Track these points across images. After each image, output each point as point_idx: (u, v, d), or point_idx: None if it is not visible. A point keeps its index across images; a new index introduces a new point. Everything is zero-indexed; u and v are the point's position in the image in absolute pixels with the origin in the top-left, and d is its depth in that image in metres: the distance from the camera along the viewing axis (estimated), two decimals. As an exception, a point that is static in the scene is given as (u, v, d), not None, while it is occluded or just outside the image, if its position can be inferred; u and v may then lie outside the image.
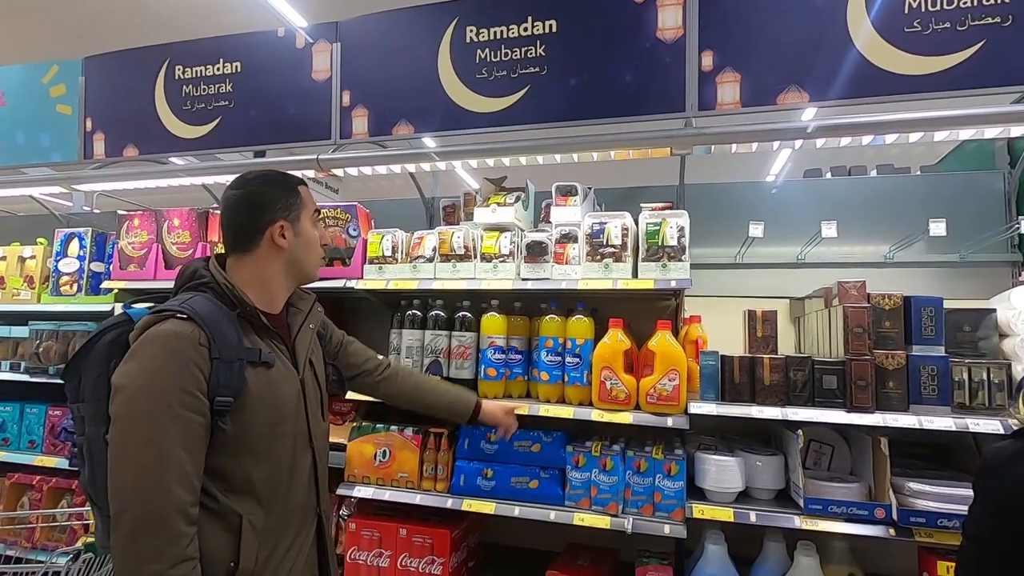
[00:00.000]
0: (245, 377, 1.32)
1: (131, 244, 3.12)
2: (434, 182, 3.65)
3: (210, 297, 1.35)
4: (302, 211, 1.49)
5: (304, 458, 1.47)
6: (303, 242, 1.48)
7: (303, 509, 1.48)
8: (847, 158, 3.68)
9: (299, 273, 1.51)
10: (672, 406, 2.21)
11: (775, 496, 2.25)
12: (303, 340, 1.53)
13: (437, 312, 2.58)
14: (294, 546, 1.43)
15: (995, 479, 1.21)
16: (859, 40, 1.96)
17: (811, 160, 4.18)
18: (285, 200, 1.46)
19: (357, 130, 2.48)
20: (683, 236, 2.31)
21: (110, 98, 2.90)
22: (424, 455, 2.51)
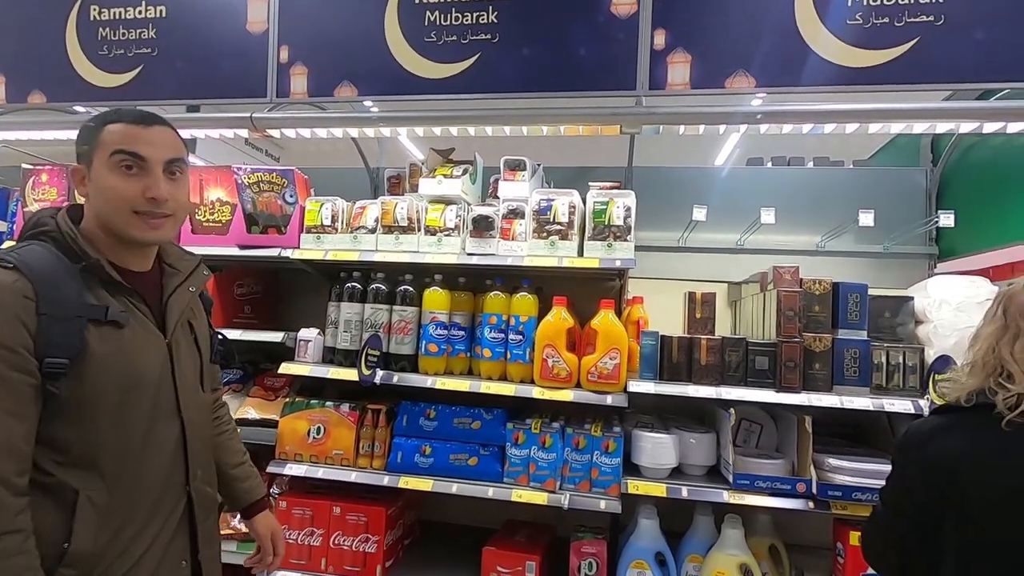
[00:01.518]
0: (85, 337, 1.17)
1: (38, 202, 2.84)
2: (379, 151, 3.52)
3: (50, 247, 1.21)
4: (95, 154, 1.23)
5: (168, 430, 1.32)
6: (96, 191, 1.24)
7: (164, 487, 1.32)
8: (788, 149, 3.80)
9: (112, 231, 1.25)
10: (612, 384, 2.23)
11: (706, 472, 2.33)
12: (178, 302, 1.36)
13: (378, 285, 2.49)
14: (149, 527, 1.28)
15: (915, 452, 1.28)
16: (804, 29, 1.99)
17: (754, 149, 4.31)
18: (85, 141, 1.25)
19: (295, 89, 2.33)
20: (629, 216, 2.31)
21: (14, 36, 2.60)
22: (361, 432, 2.44)
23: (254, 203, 2.60)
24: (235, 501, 1.67)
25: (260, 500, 1.69)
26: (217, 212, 2.69)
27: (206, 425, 1.47)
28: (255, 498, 1.68)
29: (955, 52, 1.90)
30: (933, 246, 2.83)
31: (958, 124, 1.93)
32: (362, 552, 2.36)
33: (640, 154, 3.03)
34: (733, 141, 5.61)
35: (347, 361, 2.48)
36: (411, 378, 2.39)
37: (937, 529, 1.23)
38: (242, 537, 2.45)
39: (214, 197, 2.71)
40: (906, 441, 1.33)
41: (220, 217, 2.69)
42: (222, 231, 2.67)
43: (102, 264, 1.23)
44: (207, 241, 2.67)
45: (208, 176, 2.70)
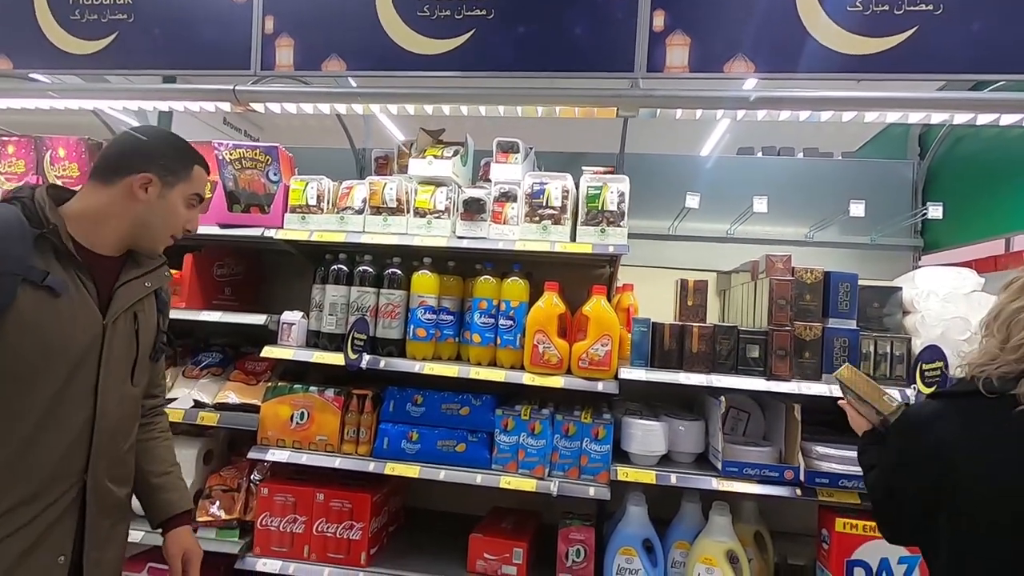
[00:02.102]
0: (16, 293, 1.19)
1: (3, 175, 2.70)
2: (366, 132, 3.43)
3: (16, 210, 1.25)
4: (181, 183, 1.42)
5: (76, 412, 1.29)
6: (163, 208, 1.40)
7: (54, 471, 1.26)
8: (778, 139, 3.82)
9: (141, 236, 1.40)
10: (603, 371, 2.21)
11: (695, 459, 2.33)
12: (130, 290, 1.39)
13: (365, 268, 2.43)
14: (22, 510, 1.22)
15: (914, 436, 1.27)
16: (805, 15, 1.97)
17: (745, 138, 4.32)
18: (173, 163, 1.41)
19: (281, 62, 2.24)
20: (623, 202, 2.28)
21: (-23, -2, 2.45)
22: (346, 417, 2.38)
23: (236, 180, 2.51)
24: (153, 512, 1.59)
25: (180, 515, 1.59)
26: (196, 189, 2.58)
27: (126, 419, 1.41)
28: (174, 511, 1.58)
29: (952, 42, 1.90)
30: (918, 238, 2.86)
31: (952, 115, 1.93)
32: (346, 539, 2.31)
33: (629, 141, 3.00)
34: (721, 130, 5.63)
35: (332, 345, 2.42)
36: (398, 363, 2.34)
37: (930, 517, 1.23)
38: (221, 524, 2.38)
39: (193, 174, 2.60)
40: (905, 425, 1.33)
41: (200, 195, 2.58)
42: (202, 209, 2.57)
43: (58, 230, 1.25)
44: (186, 219, 2.57)
45: (187, 151, 2.59)
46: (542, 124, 2.62)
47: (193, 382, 2.59)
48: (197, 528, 2.38)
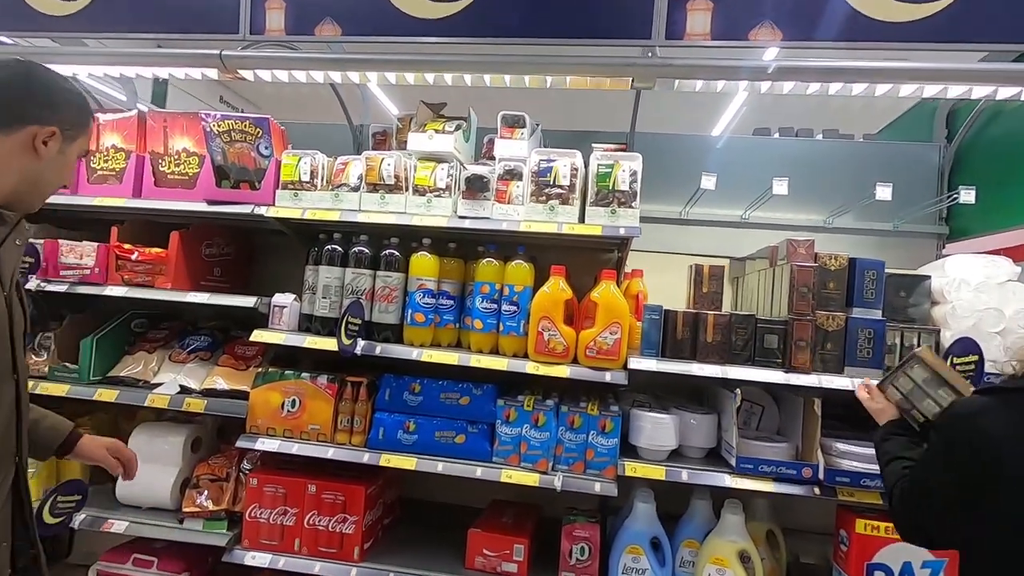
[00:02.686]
0: None
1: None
2: (364, 108, 3.28)
3: None
4: (80, 137, 1.29)
5: (5, 390, 1.20)
6: (60, 164, 1.25)
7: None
8: (796, 119, 3.65)
9: (28, 193, 1.23)
10: (612, 361, 2.09)
11: (706, 455, 2.21)
12: (8, 255, 1.23)
13: (361, 248, 2.29)
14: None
15: (960, 429, 1.22)
16: (838, -22, 1.82)
17: (760, 119, 4.16)
18: (77, 115, 1.27)
19: (271, 26, 2.09)
20: (635, 181, 2.14)
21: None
22: (339, 406, 2.27)
23: (224, 154, 2.36)
24: (45, 444, 1.46)
25: (72, 432, 1.51)
26: (183, 163, 2.45)
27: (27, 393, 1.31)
28: (66, 430, 1.50)
29: (998, 9, 1.75)
30: (943, 225, 2.72)
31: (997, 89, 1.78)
32: (339, 533, 2.21)
33: (637, 120, 2.85)
34: (734, 109, 5.43)
35: (325, 330, 2.29)
36: (395, 349, 2.22)
37: (966, 514, 1.19)
38: (208, 515, 2.28)
39: (180, 147, 2.46)
40: (951, 419, 1.28)
41: (187, 169, 2.45)
42: (188, 184, 2.43)
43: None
44: (172, 195, 2.43)
45: (173, 123, 2.45)
46: (549, 101, 2.47)
47: (180, 367, 2.47)
48: (184, 519, 2.28)
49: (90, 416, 2.71)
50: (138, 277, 2.42)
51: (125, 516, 2.31)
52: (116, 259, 2.41)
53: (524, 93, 2.44)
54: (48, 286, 2.40)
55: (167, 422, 2.55)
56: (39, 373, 2.46)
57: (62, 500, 2.21)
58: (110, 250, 2.42)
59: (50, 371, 2.44)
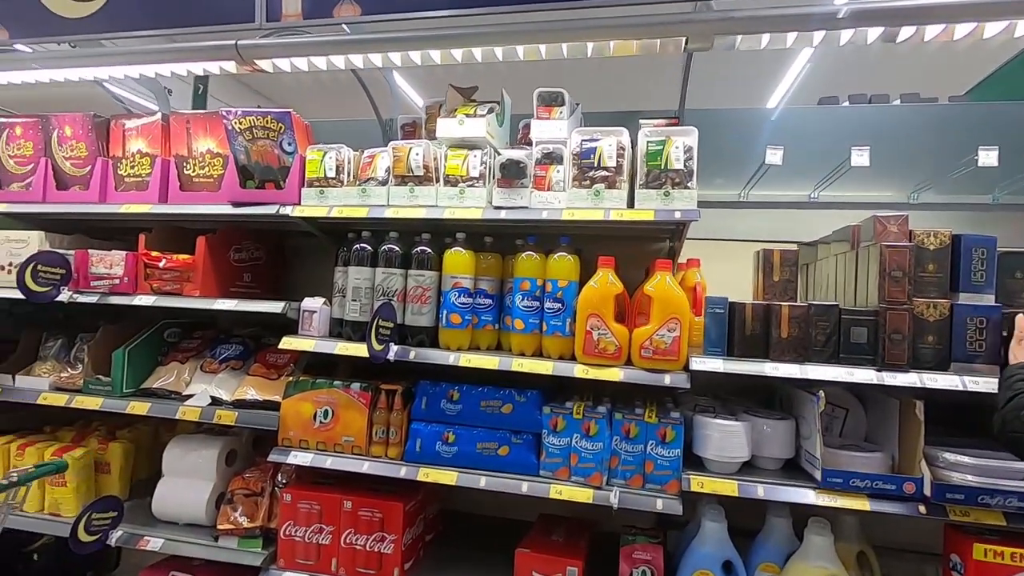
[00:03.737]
0: None
1: (13, 158, 2.54)
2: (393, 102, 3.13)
3: None
4: None
5: None
6: None
7: None
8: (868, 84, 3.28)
9: None
10: (671, 361, 1.86)
11: (782, 466, 1.94)
12: None
13: (391, 246, 2.13)
14: None
15: None
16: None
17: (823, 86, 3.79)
18: None
19: (288, 11, 1.95)
20: (691, 159, 1.90)
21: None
22: (374, 415, 2.11)
23: (247, 153, 2.25)
24: None
25: None
26: (208, 165, 2.35)
27: None
28: None
29: None
30: (1054, 195, 2.35)
31: None
32: (377, 552, 2.05)
33: (664, 91, 2.58)
34: (792, 77, 4.99)
35: (357, 335, 2.14)
36: (430, 354, 2.04)
37: None
38: (243, 532, 2.16)
39: (204, 148, 2.37)
40: None
41: (211, 171, 2.35)
42: (213, 187, 2.33)
43: None
44: (197, 199, 2.34)
45: (196, 123, 2.36)
46: (585, 79, 2.24)
47: (212, 376, 2.37)
48: (219, 536, 2.18)
49: (130, 428, 2.67)
50: (166, 285, 2.34)
51: (161, 533, 2.22)
52: (144, 267, 2.34)
53: (559, 74, 2.24)
54: (80, 297, 2.34)
55: (202, 435, 2.47)
56: (74, 386, 2.42)
57: (97, 517, 2.15)
58: (138, 258, 2.35)
59: (84, 384, 2.39)
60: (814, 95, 3.52)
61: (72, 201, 2.44)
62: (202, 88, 4.43)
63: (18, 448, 2.41)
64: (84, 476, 2.40)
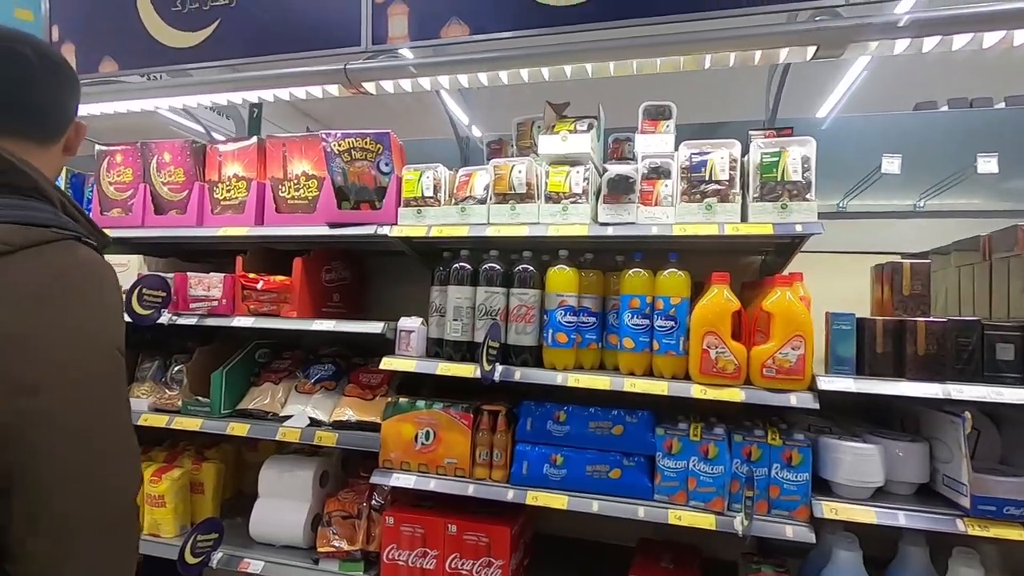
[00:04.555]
0: None
1: (113, 185, 2.62)
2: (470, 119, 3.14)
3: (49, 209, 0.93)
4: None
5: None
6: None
7: None
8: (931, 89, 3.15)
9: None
10: (795, 381, 1.78)
11: (915, 491, 1.84)
12: None
13: (492, 265, 2.11)
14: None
15: None
16: None
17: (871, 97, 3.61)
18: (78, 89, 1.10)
19: (394, 33, 1.97)
20: (809, 170, 1.84)
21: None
22: (477, 437, 2.08)
23: (344, 174, 2.27)
24: None
25: None
26: (303, 187, 2.38)
27: None
28: None
29: None
30: None
31: None
32: (484, 578, 2.00)
33: (733, 103, 2.52)
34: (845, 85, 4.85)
35: (457, 354, 2.12)
36: (536, 374, 2.01)
37: None
38: (344, 556, 2.14)
39: (299, 171, 2.40)
40: None
41: (306, 193, 2.37)
42: (308, 208, 2.36)
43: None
44: (293, 220, 2.36)
45: (293, 146, 2.39)
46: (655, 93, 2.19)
47: (307, 397, 2.37)
48: (319, 560, 2.16)
49: (217, 448, 2.70)
50: (263, 307, 2.36)
51: (261, 555, 2.22)
52: (242, 289, 2.37)
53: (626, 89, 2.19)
54: (179, 319, 2.38)
55: (294, 455, 2.47)
56: (173, 407, 2.45)
57: (201, 539, 2.15)
58: (236, 280, 2.38)
59: (184, 405, 2.41)
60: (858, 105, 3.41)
61: (170, 225, 2.49)
62: (257, 112, 4.54)
63: (118, 469, 2.44)
64: (181, 497, 2.42)
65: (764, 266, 2.45)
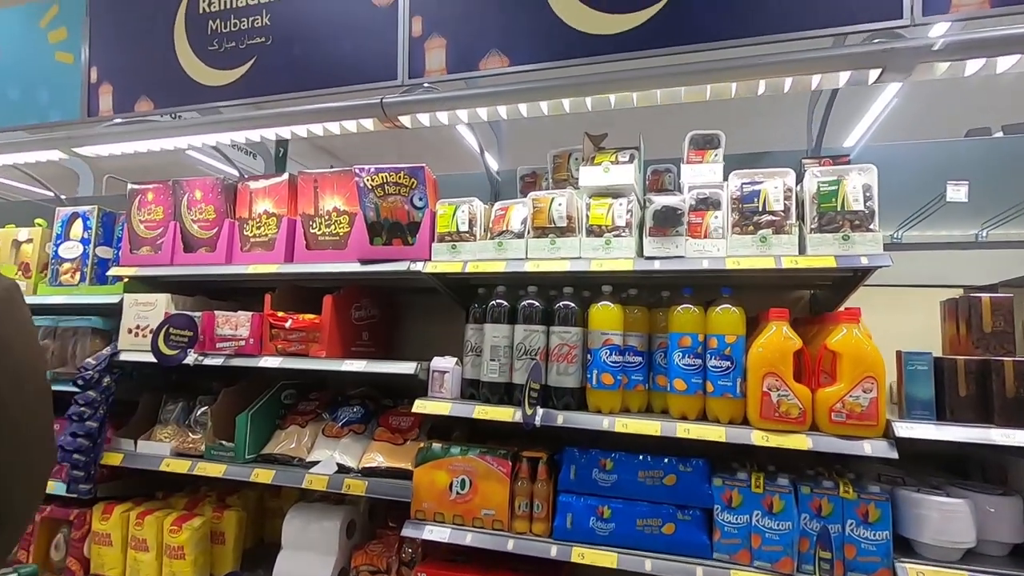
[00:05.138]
0: None
1: (144, 223, 2.59)
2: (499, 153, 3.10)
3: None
4: None
5: None
6: None
7: None
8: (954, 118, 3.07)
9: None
10: (869, 427, 1.62)
11: (1009, 552, 1.64)
12: None
13: (531, 301, 2.01)
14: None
15: None
16: None
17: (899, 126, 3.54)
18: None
19: (431, 66, 1.93)
20: (871, 199, 1.73)
21: (119, 41, 2.38)
22: (516, 486, 1.94)
23: (377, 209, 2.21)
24: None
25: None
26: (334, 223, 2.32)
27: None
28: None
29: None
30: None
31: None
32: (525, 645, 1.83)
33: (761, 133, 2.43)
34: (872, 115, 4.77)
35: (495, 397, 2.00)
36: (580, 418, 1.87)
37: None
38: (373, 616, 1.98)
39: (331, 206, 2.35)
40: None
41: (337, 229, 2.32)
42: (340, 245, 2.30)
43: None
44: (324, 257, 2.30)
45: (324, 182, 2.35)
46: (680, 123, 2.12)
47: (335, 441, 2.26)
48: (346, 620, 2.00)
49: (239, 494, 2.58)
50: (292, 346, 2.28)
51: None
52: (270, 328, 2.29)
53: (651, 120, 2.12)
54: (206, 360, 2.31)
55: (319, 503, 2.34)
56: (195, 452, 2.35)
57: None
58: (264, 319, 2.31)
59: (207, 450, 2.31)
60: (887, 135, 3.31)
61: (199, 263, 2.45)
62: (283, 151, 4.58)
63: (137, 517, 2.34)
64: (202, 548, 2.30)
65: (814, 302, 2.31)
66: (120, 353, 2.45)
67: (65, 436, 2.34)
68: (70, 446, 2.33)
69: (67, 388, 2.41)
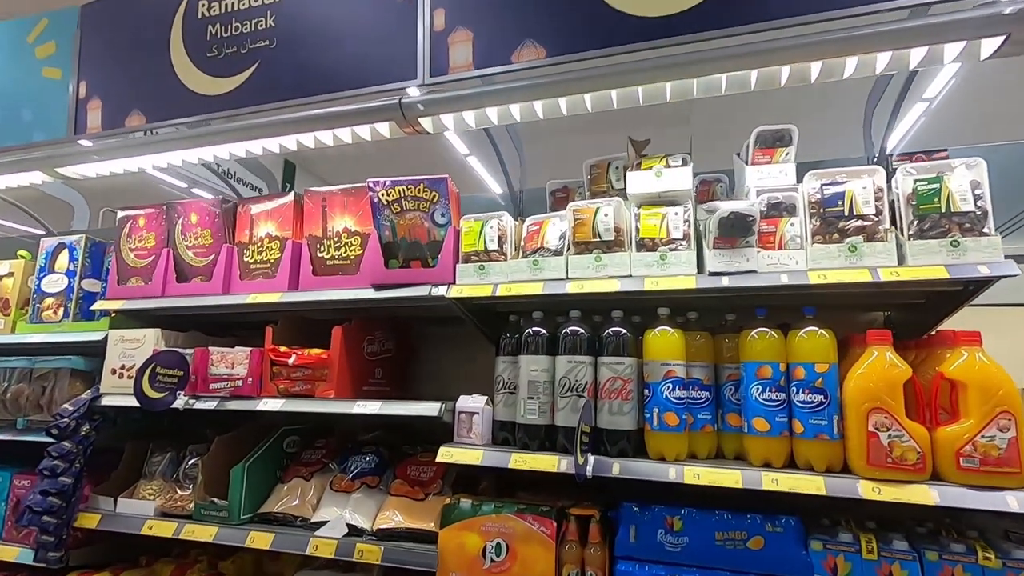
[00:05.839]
0: None
1: (134, 251, 2.35)
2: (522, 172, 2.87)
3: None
4: None
5: None
6: None
7: None
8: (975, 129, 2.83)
9: None
10: (1011, 475, 1.30)
11: None
12: None
13: (575, 328, 1.72)
14: None
15: None
16: None
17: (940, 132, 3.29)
18: None
19: (456, 63, 1.70)
20: (982, 198, 1.46)
21: (111, 51, 2.18)
22: (563, 551, 1.60)
23: (393, 228, 1.95)
24: None
25: None
26: (344, 246, 2.06)
27: None
28: None
29: None
30: None
31: None
32: None
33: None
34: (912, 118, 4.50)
35: (534, 442, 1.69)
36: (641, 467, 1.56)
37: None
38: None
39: (340, 227, 2.10)
40: None
41: (347, 252, 2.06)
42: (350, 270, 2.03)
43: None
44: (332, 283, 2.03)
45: (333, 200, 2.10)
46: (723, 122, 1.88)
47: (345, 497, 1.94)
48: None
49: (233, 559, 2.24)
50: (295, 385, 1.99)
51: None
52: (272, 365, 2.01)
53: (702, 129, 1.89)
54: (197, 403, 2.01)
55: (326, 571, 2.00)
56: (183, 511, 2.03)
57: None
58: (264, 355, 2.03)
59: (196, 509, 1.99)
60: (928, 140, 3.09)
61: (193, 294, 2.18)
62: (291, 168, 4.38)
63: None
64: (195, 628, 1.95)
65: (887, 325, 2.01)
66: (102, 397, 2.16)
67: (34, 495, 2.03)
68: (39, 506, 2.02)
69: (40, 438, 2.12)
